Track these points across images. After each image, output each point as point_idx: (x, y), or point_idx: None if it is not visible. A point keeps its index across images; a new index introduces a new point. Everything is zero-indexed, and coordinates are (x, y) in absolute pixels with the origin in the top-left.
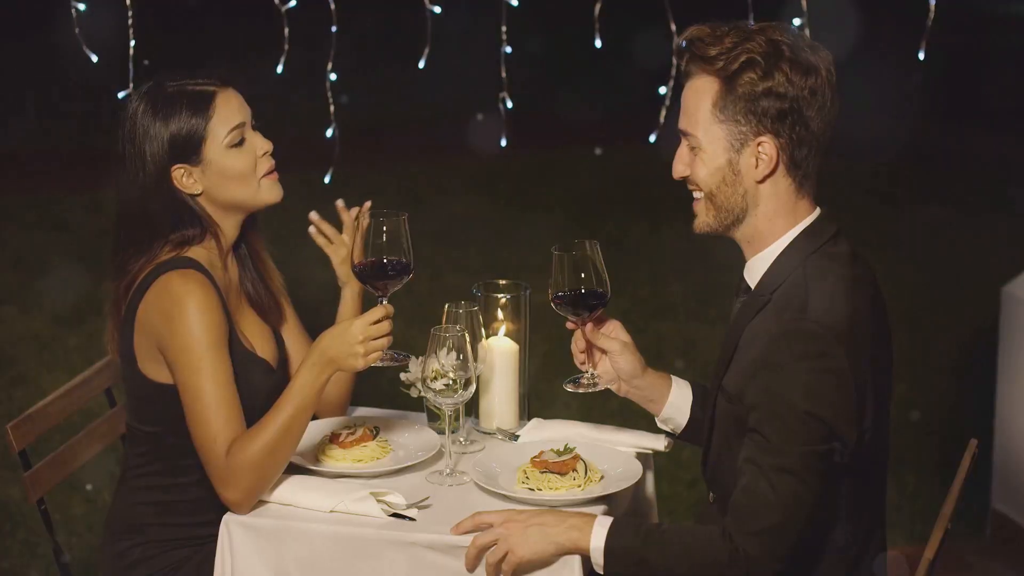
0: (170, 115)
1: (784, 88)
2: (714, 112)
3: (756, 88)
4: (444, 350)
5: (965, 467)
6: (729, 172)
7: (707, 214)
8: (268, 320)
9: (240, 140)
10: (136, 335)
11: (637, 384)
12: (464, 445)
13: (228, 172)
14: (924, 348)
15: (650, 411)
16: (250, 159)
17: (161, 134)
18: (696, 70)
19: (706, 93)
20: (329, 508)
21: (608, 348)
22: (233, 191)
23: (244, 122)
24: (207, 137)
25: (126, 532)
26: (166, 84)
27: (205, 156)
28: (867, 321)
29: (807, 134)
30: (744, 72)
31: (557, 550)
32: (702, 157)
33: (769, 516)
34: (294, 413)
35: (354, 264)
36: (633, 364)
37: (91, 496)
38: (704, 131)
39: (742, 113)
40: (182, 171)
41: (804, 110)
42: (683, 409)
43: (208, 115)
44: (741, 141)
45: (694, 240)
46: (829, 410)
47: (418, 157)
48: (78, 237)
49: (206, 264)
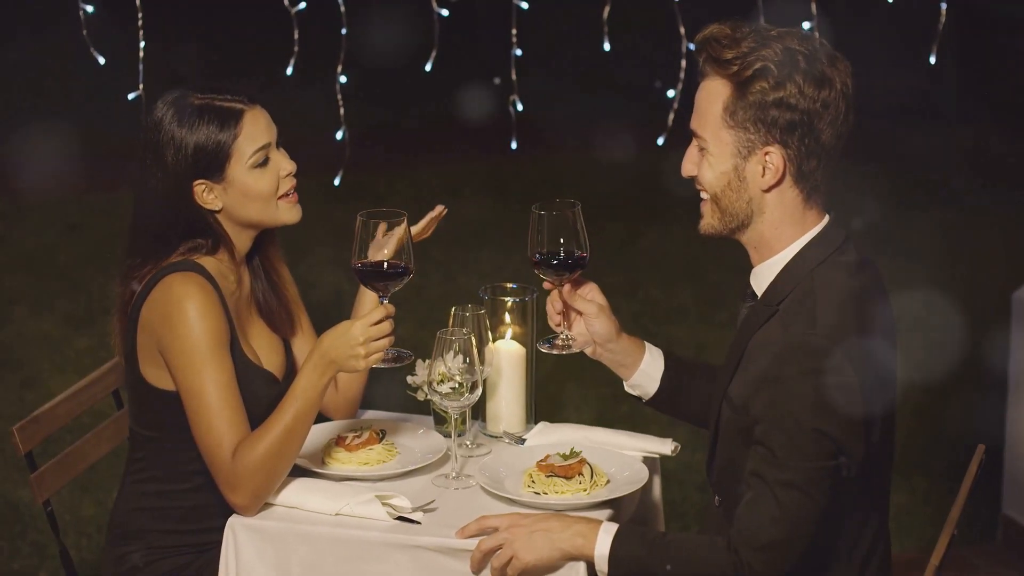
0: (196, 127)
1: (796, 100)
2: (724, 117)
3: (767, 98)
4: (451, 353)
5: (972, 473)
6: (735, 178)
7: (712, 216)
8: (278, 330)
9: (264, 160)
10: (139, 336)
11: (611, 348)
12: (470, 449)
13: (250, 192)
14: (936, 353)
15: (620, 375)
16: (273, 180)
17: (185, 145)
18: (710, 71)
19: (718, 97)
20: (334, 511)
21: (584, 310)
22: (252, 210)
23: (270, 142)
24: (232, 155)
25: (126, 537)
26: (194, 95)
27: (228, 174)
28: (875, 332)
29: (817, 146)
30: (756, 80)
31: (562, 556)
32: (709, 159)
33: (774, 531)
34: (297, 415)
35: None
36: (608, 327)
37: (101, 498)
38: (713, 134)
39: (751, 121)
40: (203, 187)
41: (815, 122)
42: (654, 377)
43: (235, 133)
44: (748, 149)
45: (705, 243)
46: (836, 426)
47: (428, 159)
48: (89, 239)
49: (214, 273)
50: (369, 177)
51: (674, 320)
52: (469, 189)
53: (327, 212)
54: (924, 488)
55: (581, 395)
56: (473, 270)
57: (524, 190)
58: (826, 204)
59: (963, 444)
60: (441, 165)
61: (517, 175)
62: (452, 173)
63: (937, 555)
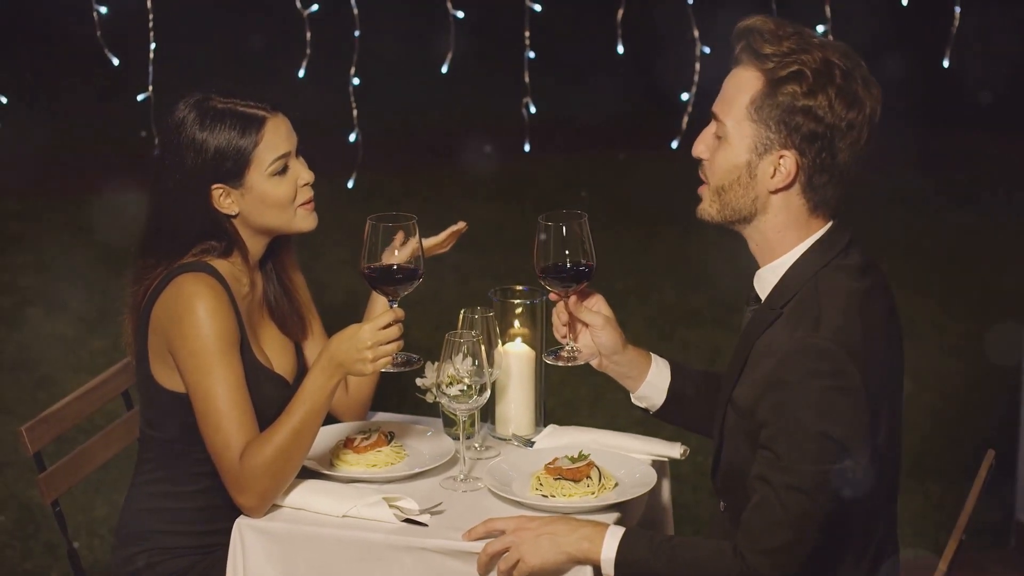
0: (217, 131)
1: (824, 112)
2: (749, 109)
3: (796, 102)
4: (459, 355)
5: (982, 477)
6: (745, 173)
7: (711, 205)
8: (289, 334)
9: (283, 168)
10: (149, 337)
11: (617, 360)
12: (479, 451)
13: (267, 199)
14: (950, 356)
15: (627, 387)
16: (291, 188)
17: (206, 149)
18: (746, 60)
19: (748, 87)
20: (341, 513)
21: (590, 322)
22: (268, 217)
23: (290, 151)
24: (252, 162)
25: (133, 538)
26: (216, 98)
27: (247, 180)
28: (880, 334)
29: (832, 164)
30: (790, 82)
31: (568, 560)
32: (724, 148)
33: (780, 535)
34: (305, 417)
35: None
36: (614, 339)
37: (114, 499)
38: (735, 123)
39: (775, 120)
40: (221, 191)
41: (836, 140)
42: (660, 388)
43: (256, 140)
44: (765, 147)
45: (720, 247)
46: (842, 429)
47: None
48: (104, 239)
49: (226, 275)
50: (385, 179)
51: (689, 324)
52: (484, 191)
53: (342, 214)
54: (938, 493)
55: (595, 399)
56: (488, 273)
57: (540, 193)
58: (833, 215)
59: (978, 449)
60: (456, 167)
61: (532, 178)
62: (467, 175)
63: (945, 560)
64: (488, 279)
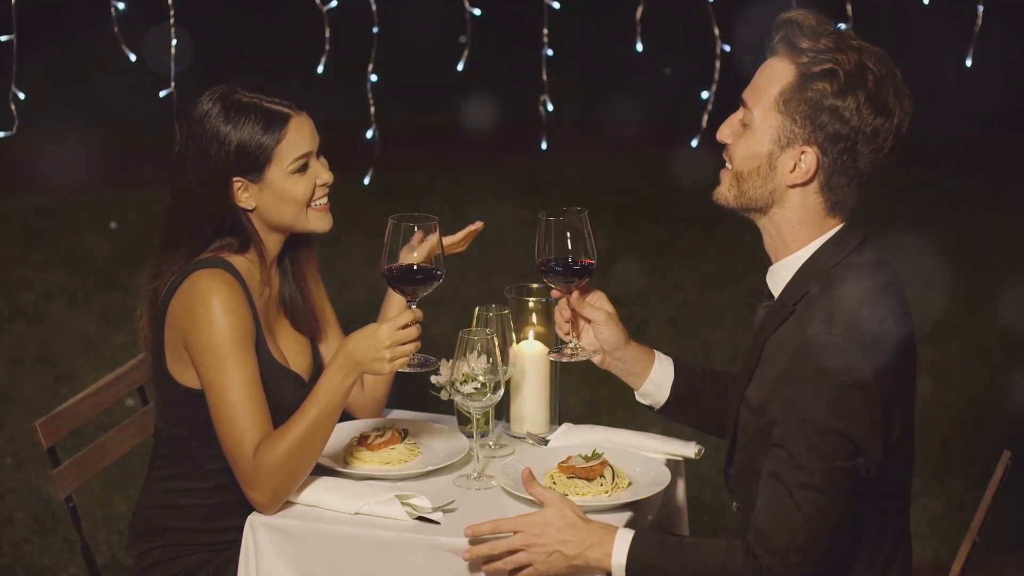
0: (241, 125)
1: (850, 115)
2: (778, 100)
3: (825, 100)
4: (474, 353)
5: (997, 479)
6: (765, 163)
7: (729, 190)
8: (303, 330)
9: (304, 167)
10: (166, 332)
11: (619, 356)
12: (493, 449)
13: (285, 196)
14: (973, 357)
15: (630, 384)
16: (308, 187)
17: (229, 142)
18: (781, 51)
19: (780, 78)
20: (354, 510)
21: (593, 318)
22: (284, 213)
23: (312, 151)
24: (273, 159)
25: (147, 533)
26: (242, 92)
27: (266, 176)
28: (892, 331)
29: (852, 167)
30: (821, 79)
31: (578, 571)
32: (748, 135)
33: (793, 534)
34: (320, 415)
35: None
36: (617, 335)
37: (132, 495)
38: (762, 112)
39: (801, 115)
40: (240, 184)
41: (859, 144)
42: (664, 385)
43: (279, 137)
44: (789, 140)
45: (742, 246)
46: (855, 426)
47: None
48: (126, 236)
49: (243, 272)
50: (407, 177)
51: (711, 323)
52: (505, 189)
53: (364, 212)
54: (960, 494)
55: (616, 397)
56: (509, 271)
57: (562, 191)
58: (848, 216)
59: (1001, 450)
60: (477, 164)
61: (553, 176)
62: (489, 173)
63: (959, 562)
64: (509, 277)
